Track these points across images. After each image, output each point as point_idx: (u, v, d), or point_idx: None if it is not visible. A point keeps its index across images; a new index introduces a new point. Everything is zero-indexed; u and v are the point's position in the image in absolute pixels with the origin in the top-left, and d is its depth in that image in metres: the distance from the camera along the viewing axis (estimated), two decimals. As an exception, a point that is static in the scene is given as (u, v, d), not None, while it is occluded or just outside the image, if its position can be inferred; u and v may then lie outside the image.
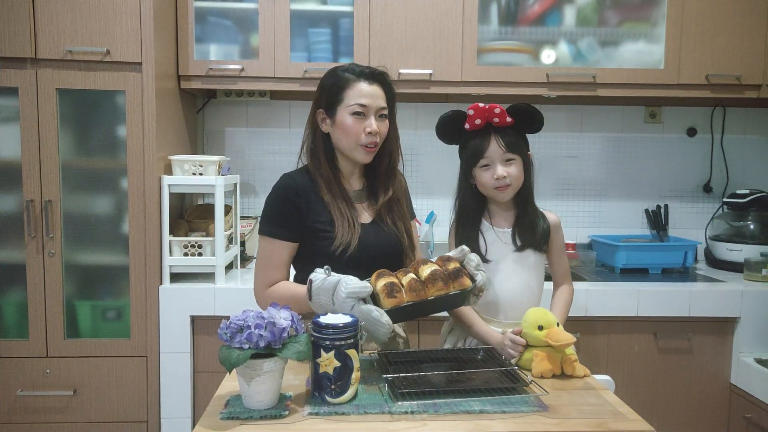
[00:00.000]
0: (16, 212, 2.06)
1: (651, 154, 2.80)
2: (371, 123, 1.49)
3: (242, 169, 2.69)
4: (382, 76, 1.53)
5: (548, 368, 1.35)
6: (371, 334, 1.26)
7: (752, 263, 2.34)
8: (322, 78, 1.56)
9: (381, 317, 1.23)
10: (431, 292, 1.30)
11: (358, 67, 1.53)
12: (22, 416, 2.10)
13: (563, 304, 1.60)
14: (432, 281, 1.30)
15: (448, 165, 2.86)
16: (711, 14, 2.36)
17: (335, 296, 1.27)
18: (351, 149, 1.51)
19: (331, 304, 1.28)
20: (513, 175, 1.53)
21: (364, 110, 1.48)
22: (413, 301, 1.29)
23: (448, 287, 1.31)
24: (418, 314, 1.36)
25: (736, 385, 2.21)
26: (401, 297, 1.28)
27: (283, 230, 1.51)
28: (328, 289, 1.28)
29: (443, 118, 1.58)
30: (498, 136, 1.53)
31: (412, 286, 1.30)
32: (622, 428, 1.11)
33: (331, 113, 1.52)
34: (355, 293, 1.25)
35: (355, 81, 1.50)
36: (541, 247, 1.59)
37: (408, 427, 1.10)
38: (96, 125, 2.08)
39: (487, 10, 2.38)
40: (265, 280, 1.52)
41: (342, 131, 1.50)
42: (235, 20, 2.36)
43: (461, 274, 1.33)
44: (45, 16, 1.99)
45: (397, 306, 1.27)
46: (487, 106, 1.52)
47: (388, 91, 1.55)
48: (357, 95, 1.48)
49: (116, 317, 2.13)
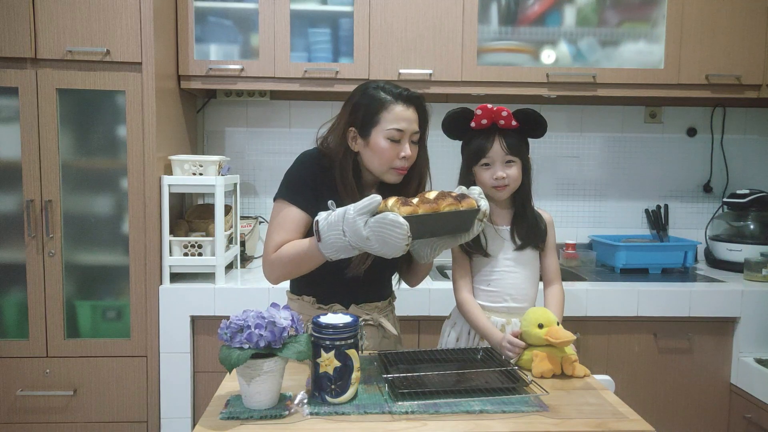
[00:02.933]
0: (16, 212, 2.06)
1: (651, 154, 2.80)
2: (406, 149, 1.46)
3: (242, 169, 2.69)
4: (419, 100, 1.50)
5: (548, 368, 1.35)
6: (387, 245, 1.22)
7: (752, 263, 2.34)
8: (354, 93, 1.51)
9: (397, 218, 1.19)
10: (443, 207, 1.28)
11: (396, 88, 1.48)
12: (22, 416, 2.10)
13: (557, 305, 1.62)
14: (442, 198, 1.29)
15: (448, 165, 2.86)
16: (711, 14, 2.36)
17: (344, 222, 1.24)
18: (382, 172, 1.49)
19: (342, 237, 1.25)
20: (512, 176, 1.57)
21: (400, 135, 1.45)
22: (427, 212, 1.26)
23: (459, 204, 1.30)
24: (431, 229, 1.32)
25: (736, 385, 2.21)
26: (415, 207, 1.25)
27: (300, 198, 1.48)
28: (337, 221, 1.25)
29: (451, 114, 1.60)
30: (501, 137, 1.56)
31: (424, 200, 1.27)
32: (622, 428, 1.11)
33: (364, 133, 1.47)
34: (365, 208, 1.23)
35: (393, 104, 1.46)
36: (539, 246, 1.64)
37: (408, 427, 1.10)
38: (96, 125, 2.08)
39: (487, 10, 2.38)
40: (275, 244, 1.46)
41: (375, 153, 1.47)
42: (235, 20, 2.36)
43: (467, 197, 1.33)
44: (45, 16, 1.99)
45: (412, 214, 1.23)
46: (495, 108, 1.54)
47: (423, 115, 1.52)
48: (394, 119, 1.45)
49: (116, 317, 2.13)
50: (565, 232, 2.73)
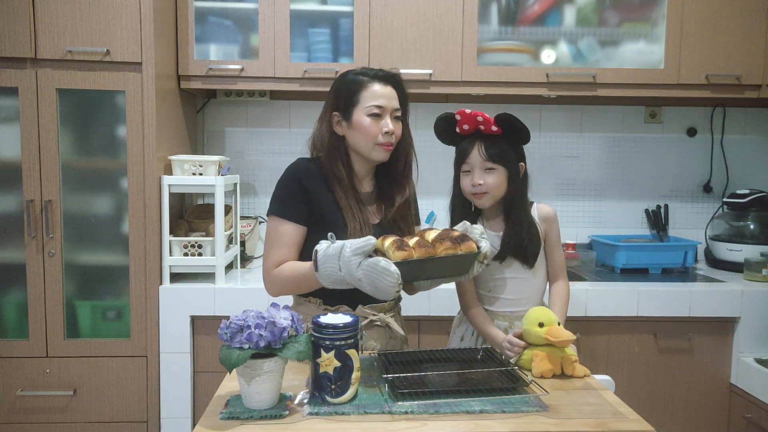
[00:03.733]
0: (16, 212, 2.06)
1: (651, 154, 2.80)
2: (387, 123, 1.50)
3: (242, 169, 2.69)
4: (395, 78, 1.55)
5: (548, 368, 1.35)
6: (378, 290, 1.24)
7: (752, 263, 2.34)
8: (334, 82, 1.56)
9: (388, 266, 1.21)
10: (439, 251, 1.28)
11: (371, 70, 1.54)
12: (22, 416, 2.10)
13: (562, 302, 1.61)
14: (440, 240, 1.29)
15: (448, 165, 2.86)
16: (711, 14, 2.36)
17: (341, 259, 1.26)
18: (369, 150, 1.51)
19: (338, 271, 1.27)
20: (490, 184, 1.54)
21: (381, 111, 1.49)
22: (422, 257, 1.27)
23: (456, 248, 1.30)
24: (425, 273, 1.34)
25: (736, 385, 2.21)
26: (410, 251, 1.26)
27: (293, 211, 1.50)
28: (334, 255, 1.27)
29: (437, 120, 1.61)
30: (481, 143, 1.54)
31: (421, 243, 1.28)
32: (622, 428, 1.11)
33: (347, 115, 1.52)
34: (360, 248, 1.24)
35: (370, 83, 1.51)
36: (528, 262, 1.57)
37: (408, 427, 1.10)
38: (96, 125, 2.08)
39: (487, 10, 2.38)
40: (274, 260, 1.50)
41: (359, 132, 1.50)
42: (235, 20, 2.36)
43: (467, 239, 1.33)
44: (45, 16, 1.99)
45: (406, 260, 1.24)
46: (471, 113, 1.53)
47: (401, 92, 1.55)
48: (372, 97, 1.49)
49: (116, 317, 2.13)
50: (565, 232, 2.72)
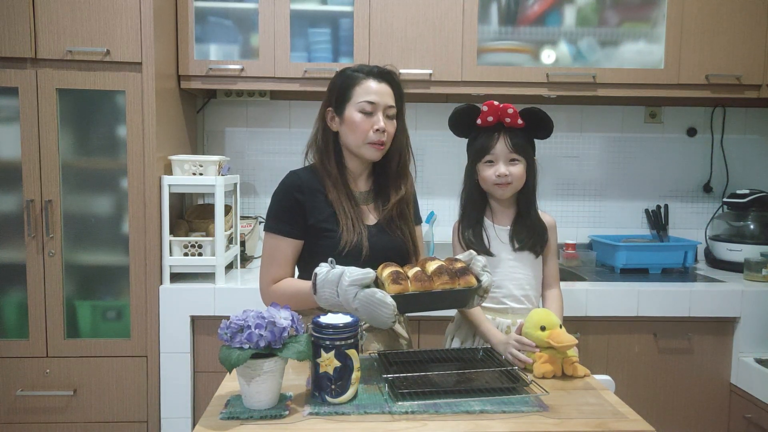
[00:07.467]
0: (16, 212, 2.06)
1: (651, 154, 2.80)
2: (378, 120, 1.50)
3: (242, 169, 2.69)
4: (390, 75, 1.55)
5: (549, 369, 1.35)
6: (375, 320, 1.25)
7: (752, 263, 2.34)
8: (332, 78, 1.58)
9: (385, 298, 1.22)
10: (437, 285, 1.29)
11: (366, 66, 1.55)
12: (22, 416, 2.09)
13: (557, 306, 1.62)
14: (438, 274, 1.30)
15: (448, 165, 2.85)
16: (711, 14, 2.36)
17: (339, 286, 1.26)
18: (359, 147, 1.52)
19: (336, 297, 1.28)
20: (515, 174, 1.56)
21: (372, 108, 1.50)
22: (418, 291, 1.28)
23: (454, 283, 1.31)
24: (421, 306, 1.36)
25: (736, 385, 2.20)
26: (406, 285, 1.27)
27: (288, 227, 1.52)
28: (333, 280, 1.28)
29: (457, 110, 1.59)
30: (507, 135, 1.56)
31: (418, 277, 1.29)
32: (622, 428, 1.11)
33: (339, 111, 1.53)
34: (358, 280, 1.25)
35: (364, 79, 1.51)
36: (538, 251, 1.61)
37: (408, 427, 1.10)
38: (96, 125, 2.08)
39: (487, 10, 2.38)
40: (270, 277, 1.52)
41: (350, 128, 1.51)
42: (235, 20, 2.36)
43: (467, 273, 1.34)
44: (45, 16, 1.99)
45: (401, 293, 1.26)
46: (501, 105, 1.54)
47: (397, 90, 1.56)
48: (365, 92, 1.50)
49: (116, 317, 2.13)
50: (565, 232, 2.73)
